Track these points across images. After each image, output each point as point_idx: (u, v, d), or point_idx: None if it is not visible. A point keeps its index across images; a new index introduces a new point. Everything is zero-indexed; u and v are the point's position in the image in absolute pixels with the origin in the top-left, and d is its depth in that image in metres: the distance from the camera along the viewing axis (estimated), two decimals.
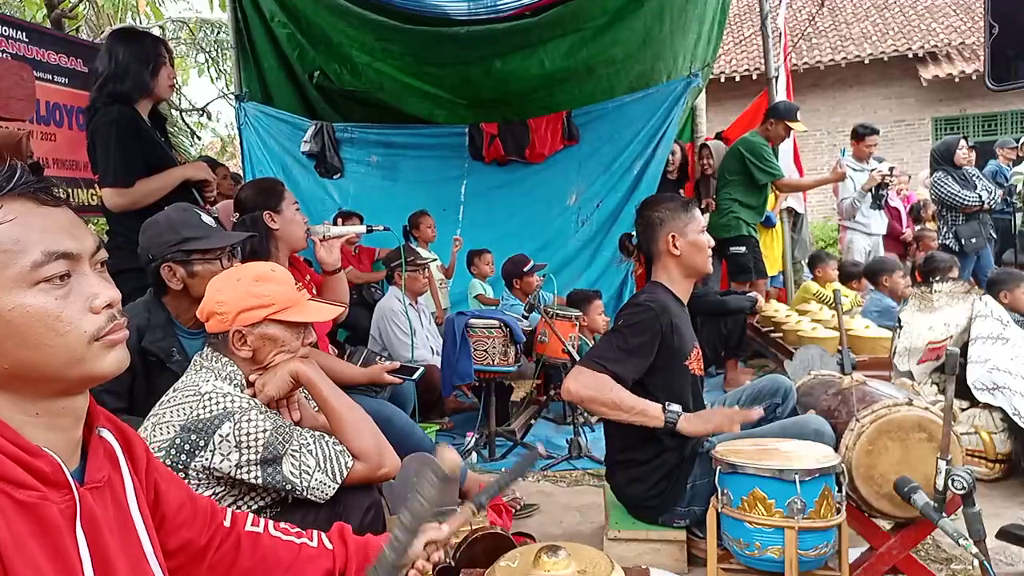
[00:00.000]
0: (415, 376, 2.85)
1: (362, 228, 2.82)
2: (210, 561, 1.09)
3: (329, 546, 1.23)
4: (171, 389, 1.61)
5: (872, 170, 6.02)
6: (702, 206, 5.43)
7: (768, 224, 6.10)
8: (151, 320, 2.00)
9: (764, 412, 2.36)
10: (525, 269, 4.84)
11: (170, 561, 1.00)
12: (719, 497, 1.85)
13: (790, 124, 5.24)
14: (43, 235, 0.83)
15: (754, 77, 12.64)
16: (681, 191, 6.08)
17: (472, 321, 3.55)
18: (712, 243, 2.37)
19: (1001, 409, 2.89)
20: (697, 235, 2.31)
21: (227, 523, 1.14)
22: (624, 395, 2.12)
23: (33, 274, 0.81)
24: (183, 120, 11.50)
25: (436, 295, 5.20)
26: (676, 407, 2.12)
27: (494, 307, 4.91)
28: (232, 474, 1.50)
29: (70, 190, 4.25)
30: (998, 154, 7.73)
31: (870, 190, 6.00)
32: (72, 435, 0.88)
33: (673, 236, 2.29)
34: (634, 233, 5.13)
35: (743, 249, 5.14)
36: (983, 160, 7.80)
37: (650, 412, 2.11)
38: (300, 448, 1.53)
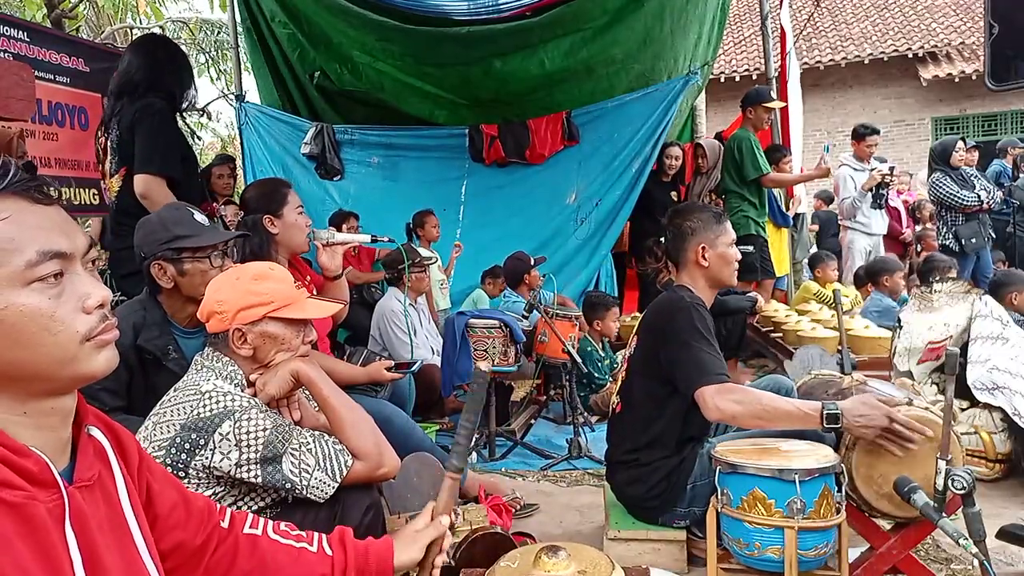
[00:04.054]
0: (414, 368, 2.86)
1: (366, 237, 2.81)
2: (207, 563, 1.08)
3: (329, 552, 1.22)
4: (172, 389, 1.61)
5: (872, 170, 6.02)
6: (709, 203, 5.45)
7: (784, 223, 6.09)
8: (147, 318, 1.99)
9: None
10: (532, 263, 4.86)
11: (164, 562, 0.99)
12: (719, 497, 1.85)
13: (767, 105, 5.24)
14: (37, 234, 0.81)
15: (754, 77, 12.64)
16: (674, 193, 6.08)
17: (472, 321, 3.55)
18: (739, 256, 2.34)
19: (1001, 409, 2.89)
20: (726, 248, 2.29)
21: (225, 524, 1.13)
22: (778, 401, 1.99)
23: (27, 273, 0.80)
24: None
25: (430, 296, 5.18)
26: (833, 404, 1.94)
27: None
28: (232, 473, 1.50)
29: (72, 190, 4.25)
30: (1008, 152, 7.62)
31: (870, 190, 6.00)
32: (60, 434, 0.87)
33: (703, 247, 2.27)
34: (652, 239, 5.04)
35: (751, 248, 5.14)
36: (986, 160, 7.76)
37: (809, 413, 1.93)
38: (300, 447, 1.53)
